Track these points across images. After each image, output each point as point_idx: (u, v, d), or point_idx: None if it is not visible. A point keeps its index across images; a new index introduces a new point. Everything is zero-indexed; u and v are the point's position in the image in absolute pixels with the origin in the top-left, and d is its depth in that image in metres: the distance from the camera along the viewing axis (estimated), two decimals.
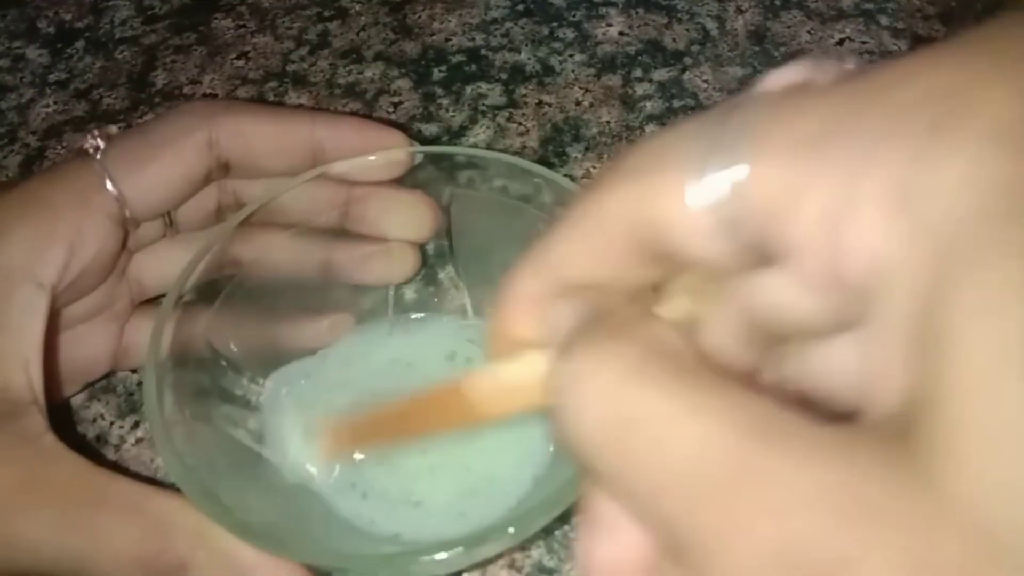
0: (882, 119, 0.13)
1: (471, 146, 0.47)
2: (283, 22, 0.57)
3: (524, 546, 0.32)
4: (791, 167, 0.13)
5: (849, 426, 0.12)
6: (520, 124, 0.48)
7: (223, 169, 0.33)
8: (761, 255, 0.14)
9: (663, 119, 0.48)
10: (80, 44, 0.57)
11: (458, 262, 0.37)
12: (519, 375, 0.18)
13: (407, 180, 0.35)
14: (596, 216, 0.17)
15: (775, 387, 0.17)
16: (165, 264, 0.34)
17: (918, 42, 0.52)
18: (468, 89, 0.51)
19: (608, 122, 0.48)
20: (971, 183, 0.11)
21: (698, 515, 0.12)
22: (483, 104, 0.50)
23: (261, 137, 0.33)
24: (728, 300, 0.16)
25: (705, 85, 0.50)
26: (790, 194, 0.13)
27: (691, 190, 0.14)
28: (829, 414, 0.13)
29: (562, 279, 0.17)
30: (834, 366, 0.16)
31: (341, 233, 0.35)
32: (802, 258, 0.14)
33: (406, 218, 0.35)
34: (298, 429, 0.33)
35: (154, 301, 0.36)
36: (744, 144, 0.14)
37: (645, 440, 0.13)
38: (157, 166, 0.31)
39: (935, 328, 0.11)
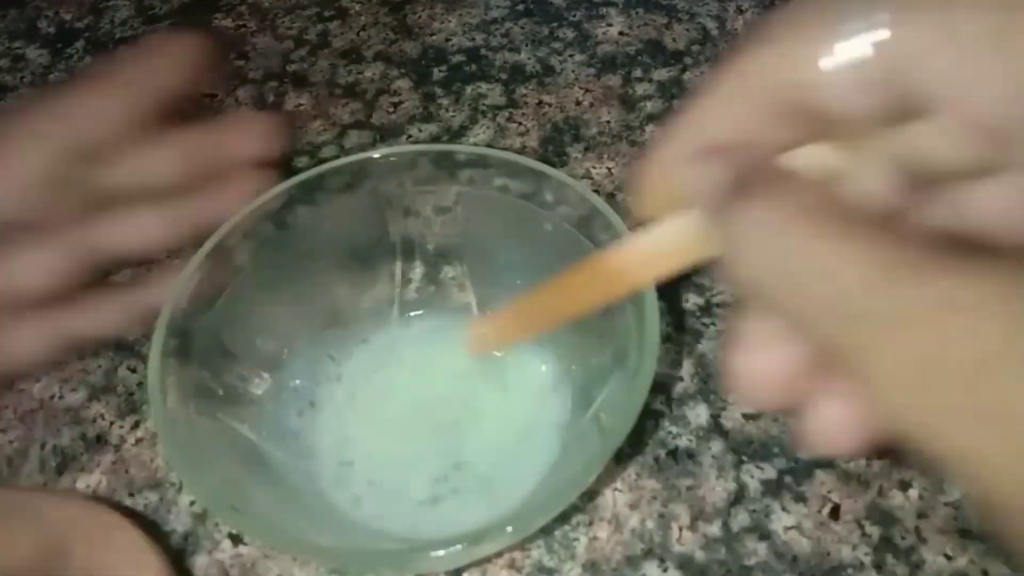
0: None
1: (472, 145, 0.47)
2: (283, 22, 0.57)
3: (524, 546, 0.32)
4: (941, 18, 0.14)
5: (991, 255, 0.13)
6: (520, 124, 0.48)
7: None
8: (905, 108, 0.15)
9: (663, 119, 0.48)
10: (80, 44, 0.57)
11: (463, 261, 0.37)
12: (671, 236, 0.19)
13: (408, 180, 0.35)
14: (742, 78, 0.17)
15: (928, 229, 0.18)
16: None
17: None
18: (468, 89, 0.51)
19: (608, 122, 0.48)
20: None
21: (857, 330, 0.14)
22: (483, 104, 0.50)
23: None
24: (874, 153, 0.17)
25: None
26: (938, 45, 0.14)
27: (838, 47, 0.15)
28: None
29: (709, 140, 0.18)
30: (986, 206, 0.17)
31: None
32: (954, 109, 0.14)
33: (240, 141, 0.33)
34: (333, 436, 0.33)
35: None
36: (887, 2, 0.15)
37: (810, 279, 0.14)
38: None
39: None
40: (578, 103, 0.50)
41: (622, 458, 0.34)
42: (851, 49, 0.15)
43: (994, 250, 0.15)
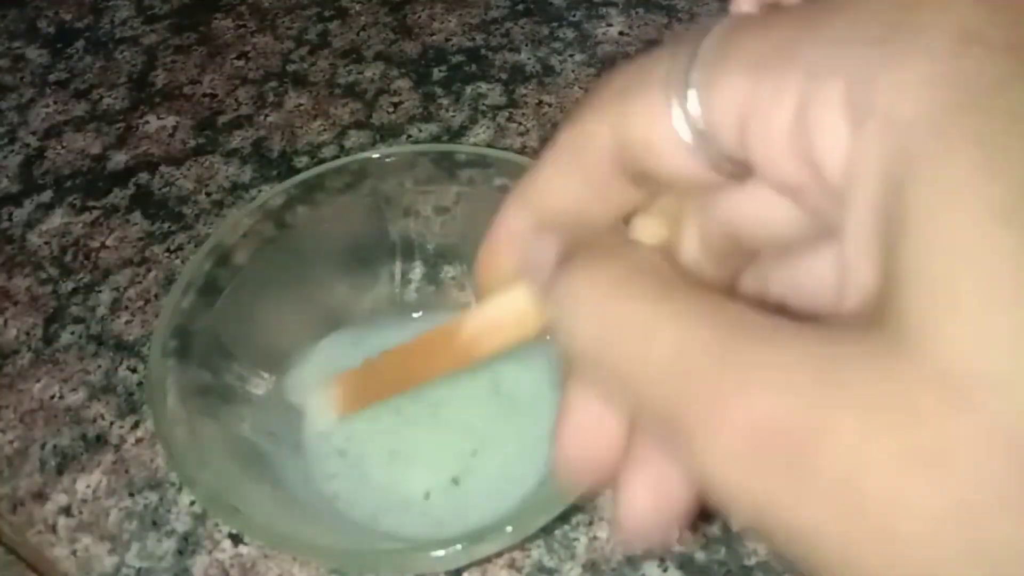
0: (842, 26, 0.13)
1: (471, 145, 0.47)
2: (283, 22, 0.57)
3: (524, 546, 0.32)
4: (755, 81, 0.14)
5: (821, 322, 0.13)
6: (520, 124, 0.48)
7: None
8: (736, 170, 0.15)
9: None
10: (80, 44, 0.57)
11: (462, 261, 0.37)
12: (507, 309, 0.19)
13: (408, 180, 0.35)
14: (578, 140, 0.17)
15: (750, 298, 0.18)
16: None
17: None
18: (468, 89, 0.51)
19: None
20: (930, 79, 0.12)
21: (680, 403, 0.13)
22: (483, 104, 0.50)
23: None
24: (704, 218, 0.17)
25: None
26: (757, 107, 0.14)
27: (668, 110, 0.15)
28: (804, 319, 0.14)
29: (546, 211, 0.18)
30: (809, 278, 0.17)
31: None
32: (773, 166, 0.14)
33: None
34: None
35: None
36: (713, 63, 0.15)
37: (631, 344, 0.14)
38: None
39: (901, 214, 0.12)
40: (578, 103, 0.49)
41: None
42: (674, 114, 0.15)
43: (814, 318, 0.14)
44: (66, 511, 0.34)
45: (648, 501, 0.16)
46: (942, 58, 0.12)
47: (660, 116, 0.15)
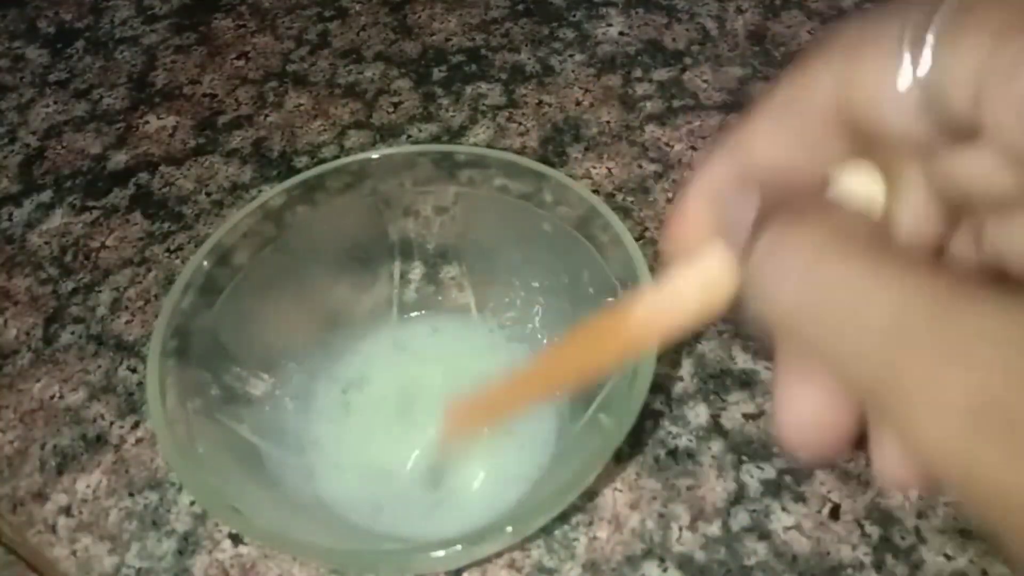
0: None
1: (471, 146, 0.47)
2: (283, 22, 0.57)
3: (524, 546, 0.32)
4: (998, 48, 0.14)
5: None
6: (520, 124, 0.48)
7: None
8: (961, 133, 0.15)
9: (663, 119, 0.48)
10: (80, 44, 0.57)
11: (462, 261, 0.37)
12: (695, 278, 0.18)
13: (408, 180, 0.35)
14: (799, 90, 0.17)
15: (962, 257, 0.18)
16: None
17: None
18: (468, 89, 0.51)
19: (608, 122, 0.48)
20: None
21: (896, 374, 0.13)
22: (483, 104, 0.50)
23: None
24: (920, 179, 0.17)
25: (705, 85, 0.50)
26: (999, 68, 0.14)
27: (899, 68, 0.15)
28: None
29: (753, 163, 0.18)
30: (1020, 241, 0.16)
31: None
32: (1009, 131, 0.14)
33: None
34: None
35: None
36: (952, 25, 0.14)
37: (844, 309, 0.13)
38: None
39: None
40: (578, 103, 0.50)
41: (622, 458, 0.34)
42: (905, 70, 0.15)
43: None
44: (66, 511, 0.34)
45: (811, 414, 0.16)
46: None
47: (890, 71, 0.15)
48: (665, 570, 0.31)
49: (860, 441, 0.16)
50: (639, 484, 0.33)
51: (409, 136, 0.48)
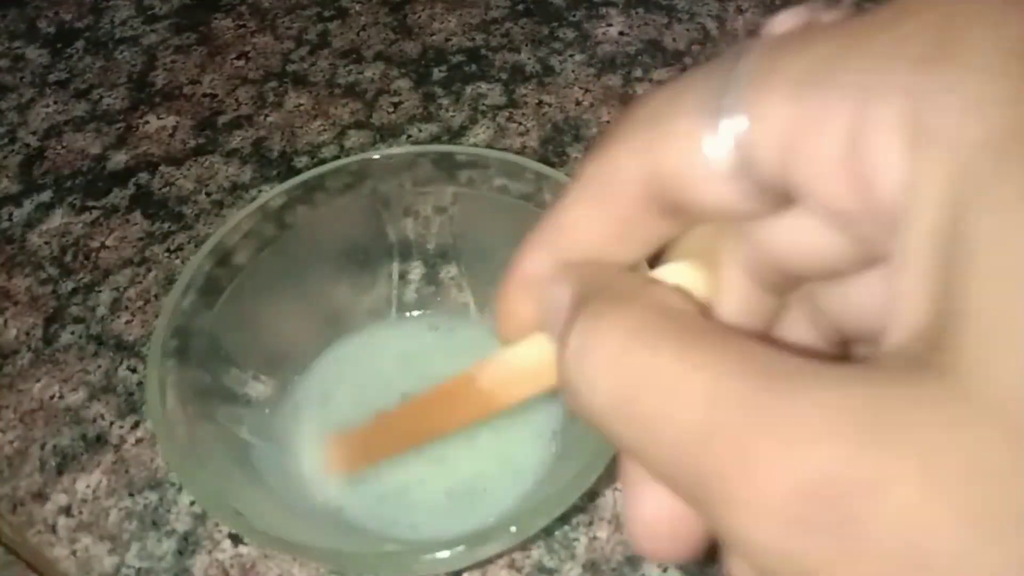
0: (887, 46, 0.12)
1: (471, 146, 0.47)
2: (283, 22, 0.57)
3: (524, 546, 0.32)
4: (800, 102, 0.13)
5: (865, 362, 0.12)
6: (520, 124, 0.48)
7: None
8: (777, 198, 0.14)
9: None
10: (80, 44, 0.57)
11: (461, 261, 0.37)
12: (529, 358, 0.18)
13: (408, 181, 0.35)
14: (604, 173, 0.16)
15: (799, 324, 0.17)
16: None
17: None
18: (468, 89, 0.51)
19: (608, 122, 0.48)
20: (984, 100, 0.11)
21: (714, 465, 0.11)
22: (483, 104, 0.50)
23: None
24: (742, 249, 0.16)
25: None
26: (803, 129, 0.13)
27: (703, 137, 0.14)
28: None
29: (568, 252, 0.17)
30: (857, 302, 0.16)
31: None
32: (823, 192, 0.13)
33: None
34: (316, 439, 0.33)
35: None
36: (752, 86, 0.14)
37: (654, 402, 0.12)
38: None
39: (962, 242, 0.11)
40: (578, 103, 0.50)
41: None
42: (713, 139, 0.14)
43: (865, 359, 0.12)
44: (66, 511, 0.34)
45: (657, 514, 0.15)
46: (998, 77, 0.11)
47: (694, 143, 0.14)
48: (665, 570, 0.31)
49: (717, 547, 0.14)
50: None
51: (409, 136, 0.48)
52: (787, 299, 0.17)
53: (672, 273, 0.17)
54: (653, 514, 0.15)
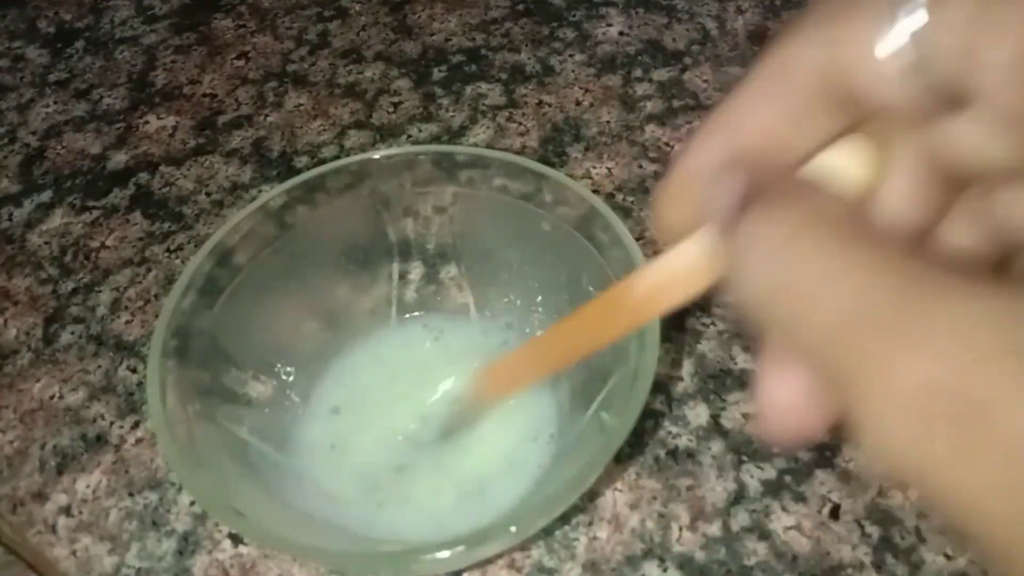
0: None
1: (471, 146, 0.47)
2: (283, 22, 0.57)
3: (524, 546, 0.32)
4: (982, 8, 0.13)
5: (1012, 281, 0.12)
6: (520, 124, 0.48)
7: None
8: (947, 100, 0.15)
9: (663, 119, 0.48)
10: (80, 44, 0.57)
11: (461, 261, 0.37)
12: (684, 261, 0.18)
13: (408, 180, 0.35)
14: (783, 63, 0.17)
15: (951, 244, 0.17)
16: None
17: None
18: (468, 89, 0.51)
19: (608, 122, 0.48)
20: None
21: (858, 352, 0.12)
22: (483, 104, 0.50)
23: None
24: (912, 155, 0.16)
25: (705, 85, 0.50)
26: (984, 33, 0.13)
27: (882, 34, 0.15)
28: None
29: (740, 141, 0.17)
30: (1022, 213, 0.16)
31: None
32: (998, 98, 0.14)
33: None
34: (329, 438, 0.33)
35: None
36: None
37: (810, 293, 0.13)
38: None
39: None
40: (578, 103, 0.50)
41: (622, 458, 0.34)
42: (893, 35, 0.14)
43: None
44: (66, 511, 0.34)
45: (788, 398, 0.16)
46: None
47: (875, 38, 0.15)
48: (665, 570, 0.31)
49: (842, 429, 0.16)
50: (639, 484, 0.33)
51: (409, 136, 0.48)
52: (952, 200, 0.17)
53: (841, 154, 0.17)
54: (784, 398, 0.16)
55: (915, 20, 0.14)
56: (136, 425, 0.37)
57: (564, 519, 0.33)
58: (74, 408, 0.38)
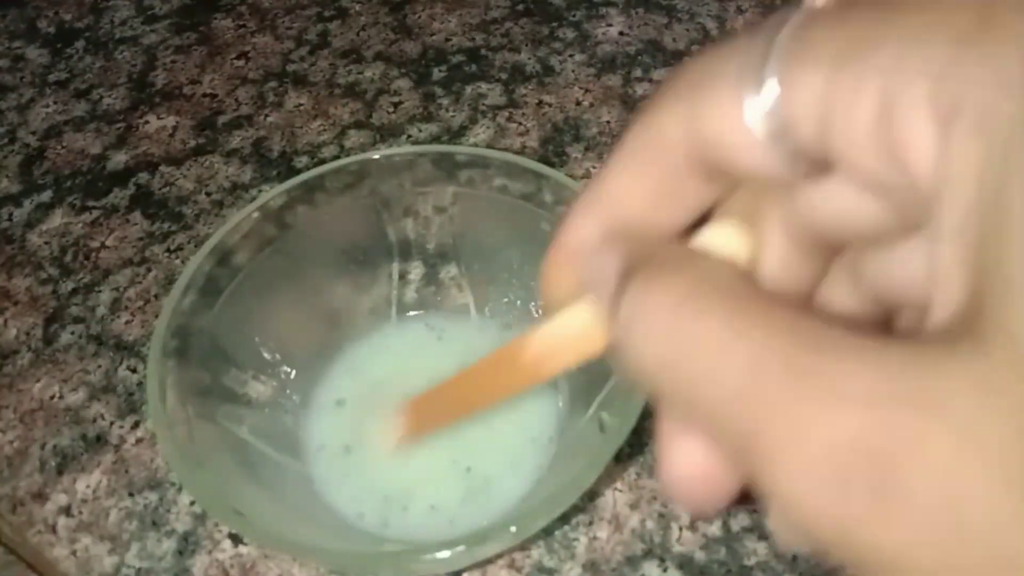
0: (923, 23, 0.13)
1: (471, 146, 0.47)
2: (283, 22, 0.57)
3: (524, 546, 0.32)
4: (836, 74, 0.13)
5: (907, 335, 0.12)
6: (520, 124, 0.48)
7: None
8: (815, 165, 0.15)
9: None
10: (80, 44, 0.57)
11: (461, 261, 0.37)
12: (572, 328, 0.18)
13: (408, 180, 0.35)
14: (648, 137, 0.17)
15: (836, 307, 0.17)
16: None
17: None
18: (468, 89, 0.51)
19: (608, 122, 0.48)
20: (1020, 77, 0.11)
21: (758, 424, 0.12)
22: (483, 104, 0.50)
23: None
24: (782, 224, 0.16)
25: None
26: (838, 101, 0.13)
27: (743, 104, 0.15)
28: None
29: (613, 217, 0.17)
30: (900, 269, 0.16)
31: None
32: (856, 163, 0.14)
33: None
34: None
35: None
36: (789, 56, 0.14)
37: (702, 365, 0.13)
38: None
39: (1001, 219, 0.11)
40: (578, 103, 0.50)
41: (622, 458, 0.34)
42: (749, 104, 0.14)
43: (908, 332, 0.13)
44: (66, 511, 0.34)
45: (691, 468, 0.15)
46: None
47: (734, 110, 0.15)
48: (665, 570, 0.31)
49: (748, 496, 0.15)
50: (639, 484, 0.33)
51: (409, 136, 0.48)
52: (829, 264, 0.17)
53: (715, 235, 0.17)
54: (687, 468, 0.15)
55: (773, 92, 0.14)
56: (136, 425, 0.37)
57: (564, 519, 0.33)
58: (74, 408, 0.38)
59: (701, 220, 0.18)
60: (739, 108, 0.15)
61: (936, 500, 0.10)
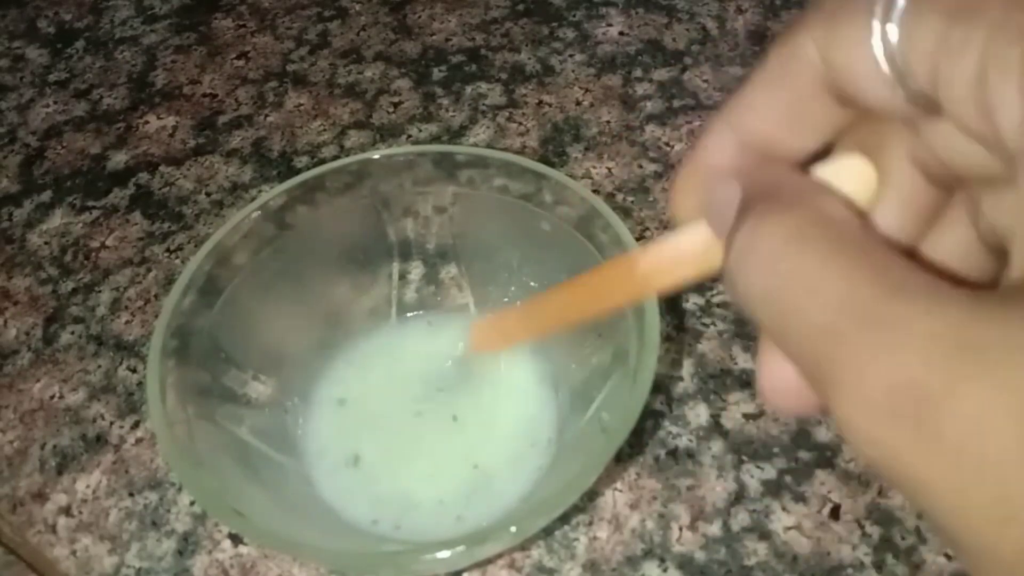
0: None
1: (471, 146, 0.47)
2: (283, 22, 0.57)
3: (524, 546, 0.32)
4: (950, 24, 0.14)
5: (984, 288, 0.13)
6: (520, 124, 0.48)
7: None
8: (931, 105, 0.15)
9: (663, 119, 0.48)
10: (80, 44, 0.57)
11: (461, 261, 0.37)
12: (689, 245, 0.19)
13: (408, 180, 0.35)
14: (787, 57, 0.17)
15: (947, 248, 0.18)
16: None
17: None
18: (468, 89, 0.51)
19: (608, 122, 0.48)
20: None
21: (832, 358, 0.14)
22: (483, 104, 0.50)
23: None
24: (905, 159, 0.17)
25: (705, 85, 0.50)
26: (947, 53, 0.14)
27: (869, 40, 0.15)
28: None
29: (749, 132, 0.18)
30: (1008, 212, 0.17)
31: None
32: (957, 116, 0.15)
33: None
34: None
35: None
36: (913, 2, 0.15)
37: (795, 300, 0.14)
38: None
39: None
40: (578, 103, 0.50)
41: (622, 458, 0.34)
42: (885, 40, 0.15)
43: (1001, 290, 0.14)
44: (66, 511, 0.34)
45: (784, 381, 0.17)
46: None
47: (864, 44, 0.15)
48: (665, 570, 0.31)
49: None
50: (639, 484, 0.33)
51: (409, 136, 0.48)
52: (945, 204, 0.18)
53: (838, 166, 0.18)
54: (780, 381, 0.17)
55: (891, 35, 0.15)
56: (136, 425, 0.37)
57: (564, 519, 0.33)
58: (74, 408, 0.38)
59: (824, 153, 0.18)
60: (869, 44, 0.15)
61: (963, 441, 0.12)
